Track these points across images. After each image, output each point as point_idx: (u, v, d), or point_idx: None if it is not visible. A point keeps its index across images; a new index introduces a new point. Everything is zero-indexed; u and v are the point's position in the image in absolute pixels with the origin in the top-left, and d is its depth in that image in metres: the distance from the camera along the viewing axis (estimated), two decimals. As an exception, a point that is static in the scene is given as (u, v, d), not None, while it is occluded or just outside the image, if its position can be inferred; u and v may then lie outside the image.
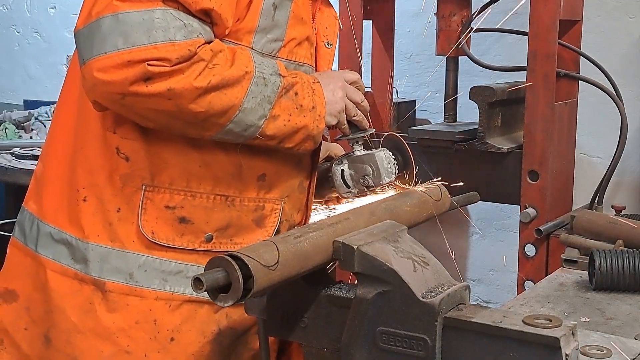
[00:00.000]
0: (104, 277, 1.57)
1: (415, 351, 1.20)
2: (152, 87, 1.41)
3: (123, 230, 1.57)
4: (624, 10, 3.06)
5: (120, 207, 1.57)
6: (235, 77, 1.48)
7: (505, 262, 3.37)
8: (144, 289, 1.58)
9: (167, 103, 1.44)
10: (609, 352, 1.26)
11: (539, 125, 2.47)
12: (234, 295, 1.18)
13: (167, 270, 1.58)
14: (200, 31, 1.44)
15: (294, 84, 1.56)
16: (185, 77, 1.43)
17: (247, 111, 1.50)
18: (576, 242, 2.08)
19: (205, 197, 1.59)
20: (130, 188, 1.57)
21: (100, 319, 1.57)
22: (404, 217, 1.56)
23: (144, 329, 1.58)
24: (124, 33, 1.40)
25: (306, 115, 1.58)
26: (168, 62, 1.41)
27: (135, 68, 1.40)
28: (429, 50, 2.89)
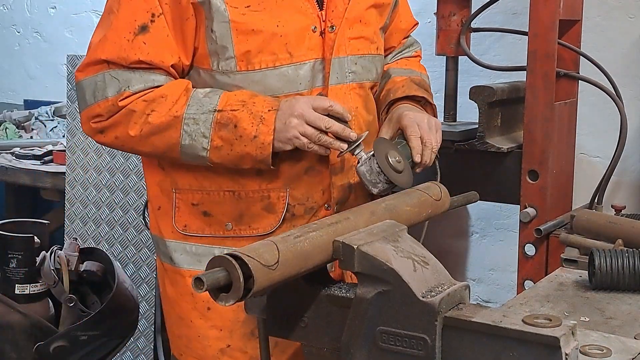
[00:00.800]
0: (162, 259, 1.97)
1: (415, 351, 1.21)
2: (105, 137, 1.82)
3: (164, 223, 1.94)
4: (624, 10, 3.06)
5: (161, 206, 1.94)
6: (165, 123, 1.77)
7: (505, 262, 3.38)
8: (182, 269, 1.91)
9: (124, 147, 1.84)
10: (608, 351, 1.26)
11: (539, 125, 2.47)
12: (235, 295, 1.19)
13: (199, 253, 1.89)
14: (130, 83, 1.76)
15: (232, 118, 1.75)
16: (123, 127, 1.78)
17: (186, 147, 1.78)
18: (576, 242, 2.08)
19: (216, 194, 1.87)
20: (166, 191, 1.92)
21: (167, 290, 1.97)
22: (404, 217, 1.56)
23: (186, 300, 1.92)
24: (82, 97, 1.82)
25: (247, 145, 1.75)
26: (102, 117, 1.79)
27: (89, 124, 1.82)
28: (429, 50, 2.89)
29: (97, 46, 1.80)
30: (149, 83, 1.77)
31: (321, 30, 1.84)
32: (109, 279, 2.74)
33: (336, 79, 1.86)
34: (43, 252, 2.92)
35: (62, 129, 4.49)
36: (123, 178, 3.46)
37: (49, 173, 3.80)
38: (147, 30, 1.76)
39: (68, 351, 2.72)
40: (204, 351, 1.92)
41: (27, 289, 2.89)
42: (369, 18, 1.96)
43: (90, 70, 1.80)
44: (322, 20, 1.84)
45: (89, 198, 3.54)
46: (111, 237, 3.50)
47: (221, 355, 1.91)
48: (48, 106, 4.69)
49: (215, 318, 1.89)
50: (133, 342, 3.40)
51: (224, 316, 1.88)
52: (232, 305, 1.20)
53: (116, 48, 1.77)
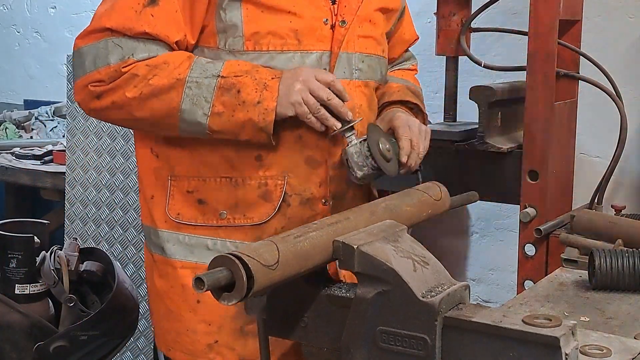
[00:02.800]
0: (153, 251, 1.95)
1: (415, 351, 1.21)
2: (101, 102, 1.78)
3: (156, 213, 1.91)
4: (624, 10, 3.06)
5: (154, 195, 1.92)
6: (168, 85, 1.74)
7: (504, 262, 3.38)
8: (173, 260, 1.89)
9: (120, 113, 1.79)
10: (608, 351, 1.26)
11: (539, 125, 2.47)
12: (238, 295, 1.19)
13: (192, 244, 1.88)
14: (135, 52, 1.74)
15: (235, 83, 1.74)
16: (122, 90, 1.75)
17: (187, 112, 1.74)
18: (576, 242, 2.08)
19: (213, 181, 1.85)
20: (161, 179, 1.90)
21: (155, 283, 1.95)
22: (404, 217, 1.56)
23: (176, 292, 1.90)
24: (81, 64, 1.78)
25: (250, 110, 1.73)
26: (104, 82, 1.76)
27: (87, 90, 1.78)
28: (429, 50, 2.89)
29: (102, 14, 1.77)
30: (153, 53, 1.75)
31: (332, 23, 1.85)
32: (109, 279, 2.74)
33: (342, 74, 1.88)
34: (43, 252, 2.92)
35: (62, 129, 4.49)
36: (123, 178, 3.46)
37: (49, 173, 3.80)
38: (156, 3, 1.74)
39: (68, 351, 2.72)
40: (193, 346, 1.90)
41: (27, 289, 2.89)
42: (377, 19, 1.98)
43: (92, 37, 1.77)
44: (334, 14, 1.86)
45: (89, 198, 3.54)
46: (111, 237, 3.50)
47: (209, 350, 1.89)
48: (48, 106, 4.69)
49: (205, 312, 1.87)
50: (133, 342, 3.40)
51: (213, 310, 1.86)
52: (234, 304, 1.21)
53: (122, 18, 1.74)
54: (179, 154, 1.87)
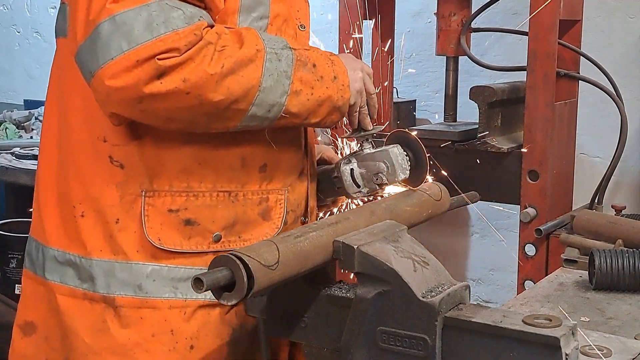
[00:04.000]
0: (113, 292, 1.51)
1: (415, 351, 1.20)
2: (166, 83, 1.36)
3: (125, 241, 1.50)
4: (624, 10, 3.06)
5: (119, 218, 1.50)
6: (248, 57, 1.42)
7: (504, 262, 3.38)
8: (155, 299, 1.51)
9: (186, 98, 1.38)
10: (609, 351, 1.26)
11: (539, 125, 2.47)
12: (238, 295, 1.19)
13: (176, 278, 1.52)
14: (199, 15, 1.40)
15: (309, 56, 1.51)
16: (197, 65, 1.37)
17: (267, 90, 1.45)
18: (576, 242, 2.07)
19: (208, 195, 1.53)
20: (129, 196, 1.50)
21: (115, 337, 1.51)
22: (404, 217, 1.56)
23: (161, 341, 1.51)
24: (125, 34, 1.34)
25: (329, 87, 1.53)
26: (177, 52, 1.35)
27: (146, 66, 1.34)
28: (429, 50, 2.89)
29: None
30: (210, 20, 1.45)
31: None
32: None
33: None
34: (43, 252, 2.92)
35: (62, 129, 4.49)
36: (123, 178, 3.44)
37: (49, 173, 3.80)
38: None
39: (68, 351, 2.71)
40: None
41: (27, 289, 2.89)
42: None
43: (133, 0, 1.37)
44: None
45: (88, 198, 3.52)
46: (111, 237, 3.48)
47: None
48: (48, 106, 4.69)
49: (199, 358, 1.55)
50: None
51: (208, 355, 1.56)
52: (234, 304, 1.20)
53: None
54: (161, 163, 1.51)
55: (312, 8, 1.82)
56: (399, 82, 3.21)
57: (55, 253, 1.56)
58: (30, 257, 1.65)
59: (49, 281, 1.57)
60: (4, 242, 3.01)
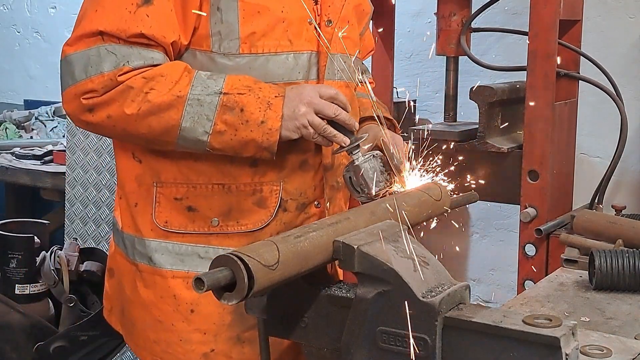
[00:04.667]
0: (137, 260, 1.84)
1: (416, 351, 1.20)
2: (96, 116, 1.67)
3: (142, 221, 1.82)
4: (624, 10, 3.07)
5: (138, 203, 1.82)
6: (167, 102, 1.65)
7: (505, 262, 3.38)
8: (162, 269, 1.80)
9: (114, 129, 1.69)
10: (609, 351, 1.26)
11: (539, 125, 2.47)
12: (239, 295, 1.19)
13: (182, 253, 1.80)
14: (129, 58, 1.64)
15: (238, 102, 1.67)
16: (119, 105, 1.65)
17: (187, 130, 1.67)
18: (576, 242, 2.08)
19: (204, 187, 1.77)
20: (145, 185, 1.80)
21: (140, 293, 1.84)
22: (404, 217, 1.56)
23: (167, 302, 1.81)
24: (70, 72, 1.67)
25: (253, 130, 1.67)
26: (97, 93, 1.64)
27: (77, 102, 1.66)
28: (429, 50, 2.89)
29: (91, 17, 1.66)
30: (148, 61, 1.66)
31: (317, 23, 1.81)
32: (109, 279, 2.73)
33: (328, 74, 1.84)
34: (43, 252, 2.92)
35: (62, 129, 4.49)
36: (123, 178, 3.46)
37: (49, 173, 3.80)
38: (150, 2, 1.65)
39: (68, 351, 2.72)
40: (186, 355, 1.82)
41: (27, 289, 2.89)
42: (354, 20, 1.94)
43: (82, 43, 1.65)
44: (317, 14, 1.82)
45: (89, 198, 3.54)
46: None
47: (204, 359, 1.82)
48: (48, 106, 4.69)
49: (199, 321, 1.80)
50: (133, 342, 3.40)
51: (208, 319, 1.80)
52: (234, 304, 1.20)
53: (116, 19, 1.63)
54: (165, 159, 1.78)
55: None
56: (398, 82, 3.21)
57: (114, 221, 1.95)
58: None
59: (114, 242, 1.95)
60: (4, 242, 3.00)
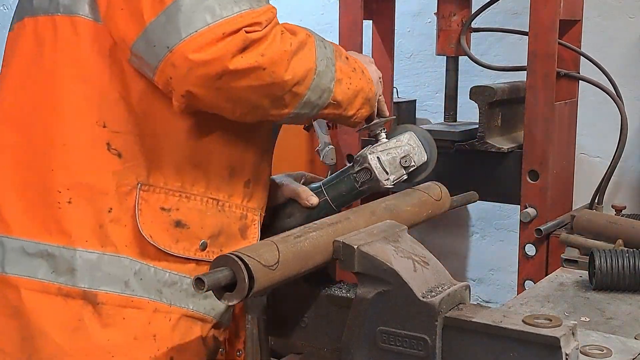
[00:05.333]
0: (96, 287, 1.41)
1: (416, 351, 1.20)
2: (247, 57, 1.35)
3: (116, 232, 1.43)
4: (624, 10, 3.06)
5: (113, 207, 1.43)
6: (303, 40, 1.45)
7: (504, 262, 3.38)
8: (142, 299, 1.44)
9: (262, 74, 1.38)
10: (609, 351, 1.26)
11: (539, 125, 2.47)
12: (239, 295, 1.19)
13: (162, 281, 1.47)
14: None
15: (339, 49, 1.53)
16: (271, 42, 1.38)
17: (321, 74, 1.47)
18: (576, 242, 2.07)
19: (200, 200, 1.51)
20: (125, 187, 1.44)
21: (92, 337, 1.40)
22: (404, 217, 1.56)
23: (143, 345, 1.44)
24: (208, 7, 1.33)
25: (361, 78, 1.56)
26: (259, 26, 1.36)
27: (233, 38, 1.33)
28: (429, 50, 2.89)
29: None
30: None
31: None
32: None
33: None
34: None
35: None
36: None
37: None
38: None
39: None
40: None
41: (27, 289, 2.88)
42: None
43: None
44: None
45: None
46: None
47: None
48: (48, 106, 4.68)
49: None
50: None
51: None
52: (235, 304, 1.20)
53: None
54: (159, 157, 1.47)
55: (312, 8, 1.83)
56: (398, 82, 3.21)
57: (22, 244, 1.44)
58: None
59: (10, 275, 1.44)
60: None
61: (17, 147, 1.48)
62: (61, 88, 1.46)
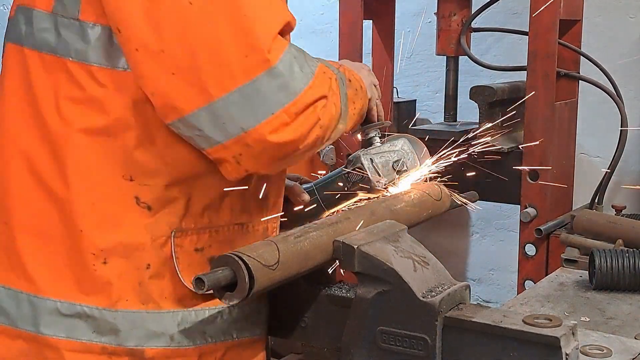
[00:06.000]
0: (142, 344, 1.37)
1: (416, 351, 1.20)
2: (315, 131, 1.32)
3: (156, 288, 1.37)
4: (624, 10, 3.06)
5: (150, 263, 1.37)
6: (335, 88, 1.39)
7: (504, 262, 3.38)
8: (187, 348, 1.40)
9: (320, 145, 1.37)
10: (609, 351, 1.26)
11: (539, 125, 2.47)
12: (240, 294, 1.19)
13: (204, 321, 1.41)
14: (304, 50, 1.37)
15: (345, 73, 1.47)
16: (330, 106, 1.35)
17: (343, 113, 1.41)
18: (576, 242, 2.08)
19: (227, 230, 1.44)
20: (160, 239, 1.38)
21: None
22: (404, 217, 1.56)
23: None
24: (282, 86, 1.27)
25: (362, 97, 1.53)
26: (325, 99, 1.33)
27: (305, 118, 1.29)
28: (429, 50, 2.89)
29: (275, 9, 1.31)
30: None
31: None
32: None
33: None
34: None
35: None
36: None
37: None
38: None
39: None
40: None
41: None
42: None
43: (279, 46, 1.28)
44: None
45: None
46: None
47: None
48: (48, 106, 4.68)
49: None
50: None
51: None
52: (235, 304, 1.20)
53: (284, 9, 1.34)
54: (188, 198, 1.40)
55: (312, 8, 1.83)
56: (399, 82, 3.21)
57: (56, 305, 1.38)
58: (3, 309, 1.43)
59: (48, 336, 1.38)
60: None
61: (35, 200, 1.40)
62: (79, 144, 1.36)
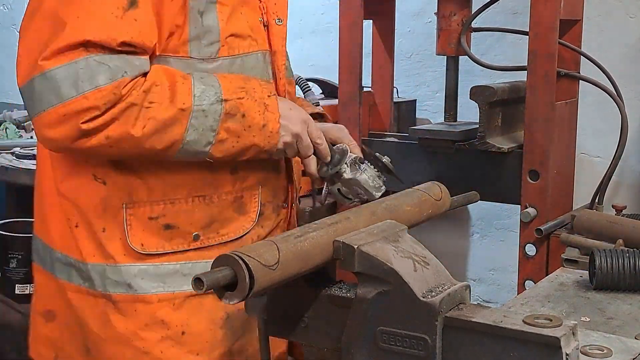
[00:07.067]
0: (108, 290, 1.67)
1: (416, 351, 1.20)
2: (93, 138, 1.49)
3: (112, 247, 1.66)
4: (624, 10, 3.06)
5: (105, 227, 1.65)
6: (172, 117, 1.52)
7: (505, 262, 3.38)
8: (145, 295, 1.67)
9: (110, 150, 1.52)
10: (609, 351, 1.26)
11: (539, 125, 2.47)
12: (240, 294, 1.19)
13: (163, 274, 1.67)
14: (125, 69, 1.48)
15: (239, 107, 1.59)
16: (121, 124, 1.49)
17: (190, 143, 1.56)
18: (576, 242, 2.08)
19: (184, 202, 1.66)
20: (112, 209, 1.64)
21: (116, 327, 1.67)
22: (404, 217, 1.56)
23: (154, 329, 1.67)
24: (54, 89, 1.46)
25: (256, 135, 1.62)
26: (98, 110, 1.46)
27: (70, 126, 1.47)
28: (429, 50, 2.89)
29: (74, 25, 1.47)
30: (138, 70, 1.51)
31: (265, 22, 1.74)
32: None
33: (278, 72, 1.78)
34: (43, 252, 2.91)
35: (62, 129, 4.48)
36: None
37: (49, 173, 3.79)
38: (136, 4, 1.49)
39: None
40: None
41: (27, 289, 2.89)
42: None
43: (64, 56, 1.46)
44: (264, 12, 1.74)
45: (89, 198, 3.52)
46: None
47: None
48: (48, 106, 4.68)
49: (192, 342, 1.69)
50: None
51: (201, 338, 1.70)
52: (236, 303, 1.20)
53: (104, 25, 1.46)
54: (135, 177, 1.64)
55: (312, 8, 1.82)
56: (398, 82, 3.21)
57: (59, 256, 1.72)
58: (39, 255, 1.80)
59: (59, 279, 1.73)
60: (4, 242, 3.01)
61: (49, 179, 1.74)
62: None
